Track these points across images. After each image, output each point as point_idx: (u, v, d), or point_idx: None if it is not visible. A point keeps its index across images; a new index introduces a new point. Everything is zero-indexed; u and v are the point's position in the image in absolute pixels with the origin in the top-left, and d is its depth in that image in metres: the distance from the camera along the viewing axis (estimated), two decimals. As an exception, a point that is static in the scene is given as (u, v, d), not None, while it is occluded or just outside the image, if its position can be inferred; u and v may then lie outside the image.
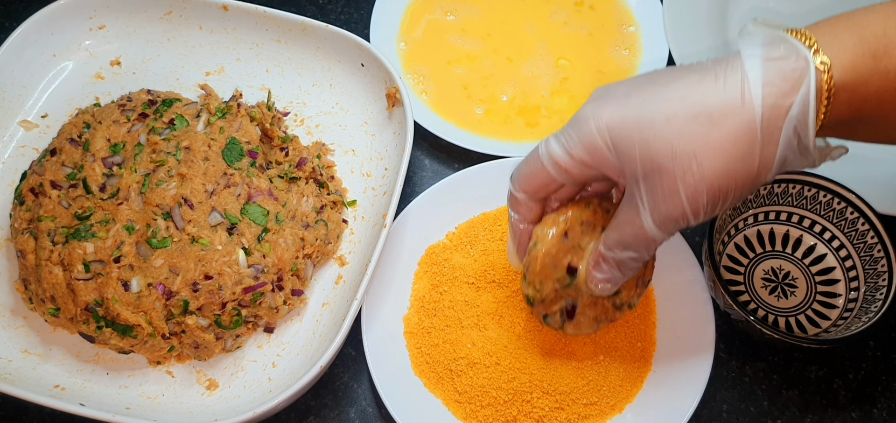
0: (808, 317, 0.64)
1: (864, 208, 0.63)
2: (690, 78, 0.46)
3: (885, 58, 0.44)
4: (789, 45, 0.44)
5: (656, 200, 0.46)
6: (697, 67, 0.46)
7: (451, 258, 0.65)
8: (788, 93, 0.43)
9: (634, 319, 0.62)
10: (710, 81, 0.45)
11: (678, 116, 0.44)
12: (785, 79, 0.43)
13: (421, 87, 0.77)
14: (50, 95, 0.74)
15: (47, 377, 0.60)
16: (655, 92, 0.46)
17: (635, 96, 0.47)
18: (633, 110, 0.46)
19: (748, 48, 0.45)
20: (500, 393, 0.59)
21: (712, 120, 0.44)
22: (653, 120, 0.45)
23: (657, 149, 0.45)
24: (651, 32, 0.80)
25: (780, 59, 0.44)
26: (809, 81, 0.43)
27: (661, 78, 0.47)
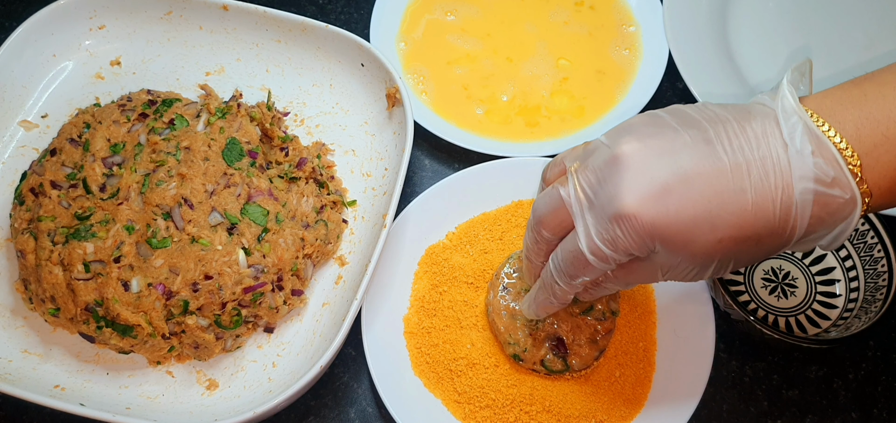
0: (808, 317, 0.64)
1: (864, 208, 0.63)
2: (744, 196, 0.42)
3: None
4: (841, 174, 0.42)
5: (678, 274, 0.47)
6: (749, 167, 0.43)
7: (451, 258, 0.65)
8: (828, 223, 0.43)
9: (635, 322, 0.62)
10: (767, 207, 0.43)
11: (731, 240, 0.43)
12: (830, 214, 0.43)
13: (421, 87, 0.77)
14: (50, 95, 0.74)
15: (47, 377, 0.60)
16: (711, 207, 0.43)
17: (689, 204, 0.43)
18: (688, 227, 0.43)
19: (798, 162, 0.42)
20: (498, 396, 0.59)
21: (759, 241, 0.44)
22: (707, 240, 0.43)
23: (704, 259, 0.45)
24: (651, 32, 0.80)
25: (830, 197, 0.42)
26: (852, 220, 0.43)
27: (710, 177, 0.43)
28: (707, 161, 0.43)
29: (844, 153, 0.43)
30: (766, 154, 0.43)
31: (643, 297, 0.63)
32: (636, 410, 0.59)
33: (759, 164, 0.43)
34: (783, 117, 0.43)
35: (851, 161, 0.43)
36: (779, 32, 0.79)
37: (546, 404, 0.59)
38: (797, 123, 0.43)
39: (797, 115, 0.43)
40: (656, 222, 0.43)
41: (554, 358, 0.59)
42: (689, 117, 0.45)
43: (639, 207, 0.43)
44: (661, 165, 0.43)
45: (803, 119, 0.43)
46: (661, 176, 0.43)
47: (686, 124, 0.45)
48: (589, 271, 0.47)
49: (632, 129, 0.46)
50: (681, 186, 0.43)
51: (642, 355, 0.61)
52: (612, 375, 0.60)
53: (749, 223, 0.43)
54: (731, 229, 0.43)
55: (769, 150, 0.43)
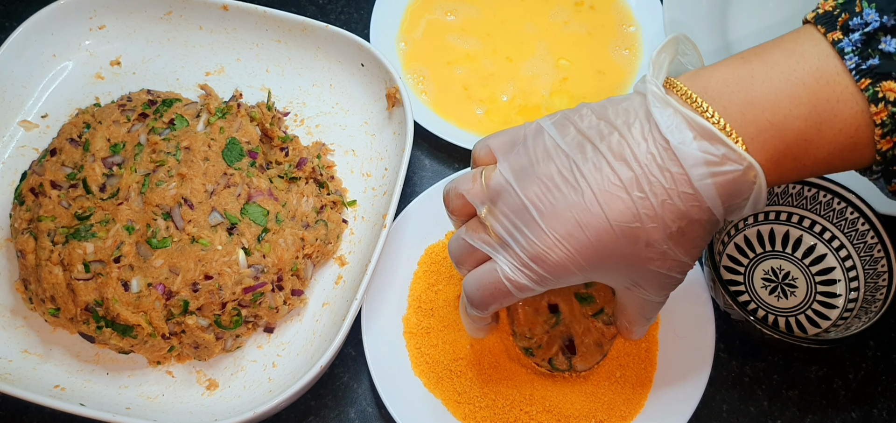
0: (808, 317, 0.64)
1: (864, 208, 0.63)
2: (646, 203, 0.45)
3: (803, 158, 0.45)
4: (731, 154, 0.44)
5: (657, 288, 0.50)
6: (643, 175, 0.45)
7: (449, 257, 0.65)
8: (737, 196, 0.45)
9: (650, 329, 0.62)
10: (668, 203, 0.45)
11: (654, 243, 0.45)
12: (736, 184, 0.44)
13: (421, 87, 0.77)
14: (50, 95, 0.74)
15: (47, 377, 0.60)
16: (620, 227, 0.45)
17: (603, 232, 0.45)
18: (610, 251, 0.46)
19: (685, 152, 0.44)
20: (498, 396, 0.59)
21: (683, 231, 0.45)
22: (632, 252, 0.46)
23: (642, 268, 0.47)
24: (651, 32, 0.80)
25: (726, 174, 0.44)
26: (760, 185, 0.44)
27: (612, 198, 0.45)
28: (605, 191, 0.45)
29: (726, 131, 0.44)
30: (652, 159, 0.44)
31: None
32: (636, 410, 0.59)
33: (649, 171, 0.44)
34: (656, 112, 0.45)
35: (732, 136, 0.44)
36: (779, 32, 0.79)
37: (546, 404, 0.59)
38: (669, 114, 0.44)
39: (667, 105, 0.44)
40: (578, 256, 0.46)
41: (562, 358, 0.59)
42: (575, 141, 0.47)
43: (554, 249, 0.46)
44: (567, 206, 0.46)
45: (674, 107, 0.44)
46: (571, 216, 0.46)
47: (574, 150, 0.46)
48: (505, 301, 0.50)
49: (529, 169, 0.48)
50: (590, 219, 0.45)
51: (644, 355, 0.61)
52: (613, 375, 0.60)
53: (661, 222, 0.45)
54: (649, 233, 0.45)
55: (654, 152, 0.44)
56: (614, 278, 0.49)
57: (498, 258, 0.49)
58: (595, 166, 0.46)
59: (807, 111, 0.44)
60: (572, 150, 0.47)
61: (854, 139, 0.44)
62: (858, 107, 0.43)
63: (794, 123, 0.44)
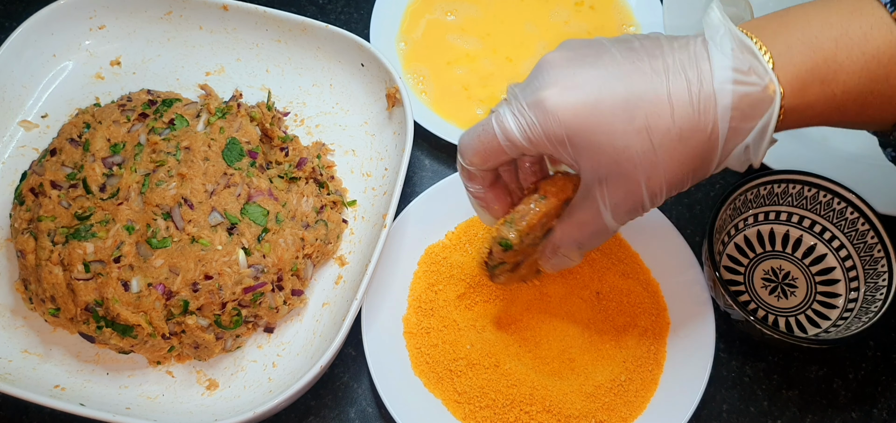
0: (808, 317, 0.64)
1: (864, 208, 0.63)
2: (661, 85, 0.45)
3: (832, 83, 0.46)
4: (757, 64, 0.45)
5: (618, 200, 0.48)
6: (666, 66, 0.46)
7: (450, 257, 0.65)
8: (750, 118, 0.45)
9: (650, 330, 0.62)
10: (682, 95, 0.45)
11: (651, 130, 0.45)
12: (751, 106, 0.45)
13: (421, 87, 0.77)
14: (50, 95, 0.74)
15: (47, 377, 0.60)
16: (628, 95, 0.46)
17: (607, 94, 0.46)
18: (605, 114, 0.46)
19: (719, 57, 0.45)
20: (498, 396, 0.59)
21: (682, 136, 0.45)
22: (627, 130, 0.46)
23: (627, 157, 0.46)
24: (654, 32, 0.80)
25: (748, 85, 0.45)
26: (772, 112, 0.45)
27: (629, 73, 0.46)
28: (628, 64, 0.46)
29: (761, 48, 0.45)
30: (686, 54, 0.46)
31: (657, 307, 0.63)
32: (637, 410, 0.59)
33: (678, 62, 0.46)
34: (707, 25, 0.46)
35: (765, 56, 0.45)
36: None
37: (546, 404, 0.59)
38: (719, 26, 0.46)
39: (723, 25, 0.46)
40: (575, 110, 0.46)
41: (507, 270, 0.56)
42: (622, 38, 0.48)
43: (556, 96, 0.46)
44: (583, 67, 0.47)
45: (726, 26, 0.46)
46: (583, 72, 0.46)
47: (616, 41, 0.48)
48: (491, 151, 0.49)
49: (565, 43, 0.49)
50: (597, 80, 0.46)
51: (653, 362, 0.61)
52: (617, 379, 0.60)
53: (666, 112, 0.45)
54: (649, 117, 0.45)
55: (691, 51, 0.46)
56: (590, 159, 0.47)
57: (500, 108, 0.49)
58: (627, 47, 0.47)
59: (838, 33, 0.45)
60: (619, 45, 0.47)
61: (886, 70, 0.45)
62: (892, 36, 0.44)
63: (825, 43, 0.45)
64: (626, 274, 0.64)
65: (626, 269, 0.65)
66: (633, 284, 0.64)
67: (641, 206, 0.48)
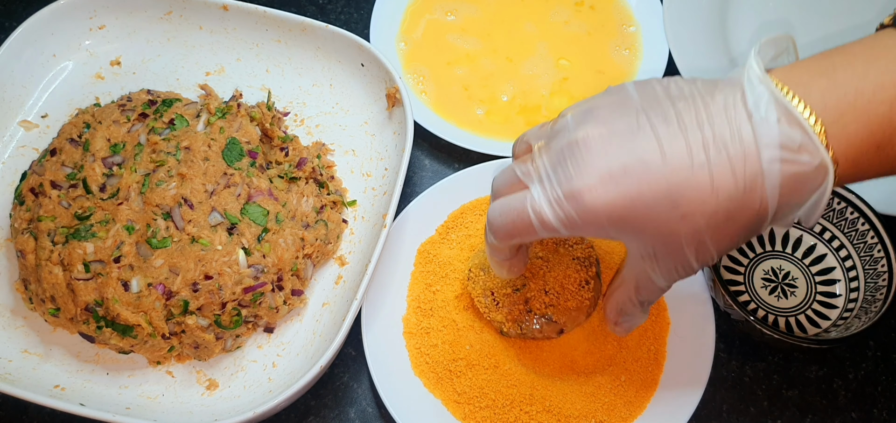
0: (808, 317, 0.64)
1: (864, 208, 0.63)
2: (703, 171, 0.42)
3: (888, 147, 0.43)
4: (808, 142, 0.42)
5: (668, 269, 0.47)
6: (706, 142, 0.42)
7: (440, 253, 0.65)
8: (801, 193, 0.43)
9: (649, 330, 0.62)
10: (727, 181, 0.42)
11: (696, 216, 0.43)
12: (800, 182, 0.42)
13: (421, 87, 0.77)
14: (50, 95, 0.74)
15: (47, 377, 0.60)
16: (670, 186, 0.43)
17: (647, 185, 0.43)
18: (647, 207, 0.43)
19: (764, 130, 0.41)
20: (498, 396, 0.59)
21: (729, 217, 0.43)
22: (670, 218, 0.43)
23: (673, 241, 0.44)
24: (651, 32, 0.80)
25: (798, 164, 0.42)
26: (826, 189, 0.42)
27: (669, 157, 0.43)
28: (667, 141, 0.43)
29: (810, 119, 0.42)
30: (726, 127, 0.42)
31: (657, 307, 0.63)
32: (637, 410, 0.59)
33: (719, 136, 0.42)
34: (749, 88, 0.43)
35: (816, 128, 0.42)
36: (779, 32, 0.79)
37: (546, 404, 0.59)
38: (763, 92, 0.42)
39: (763, 84, 0.42)
40: (614, 205, 0.43)
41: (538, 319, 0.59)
42: (654, 95, 0.45)
43: (594, 194, 0.43)
44: (621, 149, 0.43)
45: (769, 88, 0.42)
46: (620, 159, 0.43)
47: (650, 104, 0.44)
48: (527, 235, 0.47)
49: (596, 111, 0.46)
50: (639, 166, 0.43)
51: (653, 360, 0.61)
52: (617, 379, 0.60)
53: (711, 200, 0.42)
54: (693, 204, 0.43)
55: (731, 122, 0.42)
56: (637, 242, 0.46)
57: (533, 188, 0.46)
58: (663, 120, 0.43)
59: (892, 96, 0.42)
60: (647, 102, 0.44)
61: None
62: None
63: (879, 108, 0.42)
64: None
65: (627, 269, 0.65)
66: None
67: (691, 270, 0.47)
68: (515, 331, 0.60)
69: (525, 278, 0.60)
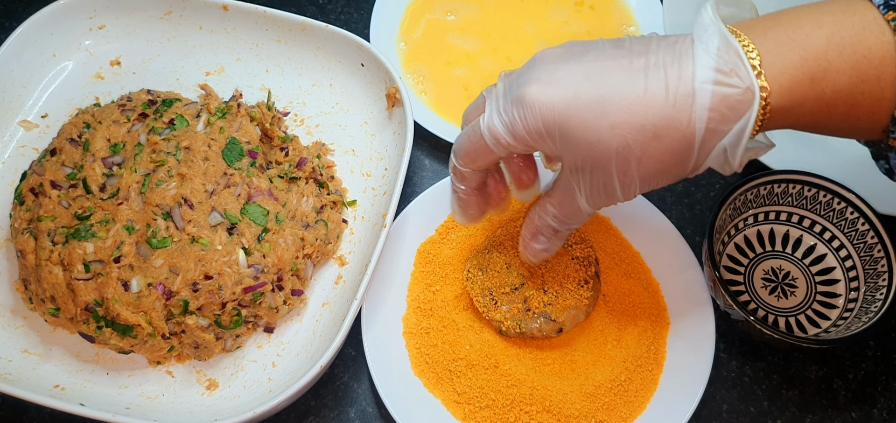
0: (808, 317, 0.64)
1: (864, 208, 0.63)
2: (638, 82, 0.46)
3: (822, 82, 0.45)
4: (740, 64, 0.44)
5: (593, 189, 0.49)
6: (648, 64, 0.46)
7: (440, 253, 0.65)
8: (729, 119, 0.45)
9: (650, 330, 0.62)
10: (659, 93, 0.45)
11: (624, 126, 0.46)
12: (730, 107, 0.45)
13: (421, 87, 0.77)
14: (50, 95, 0.74)
15: (47, 377, 0.60)
16: (604, 91, 0.46)
17: (583, 90, 0.46)
18: (580, 109, 0.46)
19: (703, 56, 0.45)
20: (498, 396, 0.59)
21: (656, 134, 0.46)
22: (599, 125, 0.46)
23: (600, 151, 0.47)
24: (651, 32, 0.80)
25: (728, 86, 0.44)
26: (750, 116, 0.45)
27: (610, 70, 0.46)
28: (610, 61, 0.47)
29: (747, 49, 0.45)
30: (671, 52, 0.46)
31: (657, 307, 0.63)
32: (637, 411, 0.59)
33: (661, 60, 0.46)
34: (698, 26, 0.46)
35: (751, 56, 0.45)
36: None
37: (546, 404, 0.59)
38: (710, 27, 0.46)
39: (712, 24, 0.46)
40: (553, 104, 0.47)
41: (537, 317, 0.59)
42: (621, 39, 0.48)
43: (536, 92, 0.47)
44: (567, 63, 0.48)
45: (717, 25, 0.45)
46: (562, 69, 0.47)
47: (612, 41, 0.48)
48: (479, 150, 0.51)
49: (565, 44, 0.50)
50: (577, 76, 0.47)
51: (653, 360, 0.61)
52: (617, 379, 0.60)
53: (640, 110, 0.45)
54: (622, 113, 0.45)
55: (676, 51, 0.46)
56: (568, 151, 0.48)
57: (488, 107, 0.50)
58: (616, 45, 0.47)
59: (829, 32, 0.45)
60: (610, 41, 0.48)
61: (878, 70, 0.44)
62: (884, 37, 0.44)
63: (816, 42, 0.45)
64: (628, 274, 0.64)
65: (629, 269, 0.65)
66: (635, 284, 0.64)
67: (614, 196, 0.49)
68: (515, 330, 0.60)
69: (524, 277, 0.60)
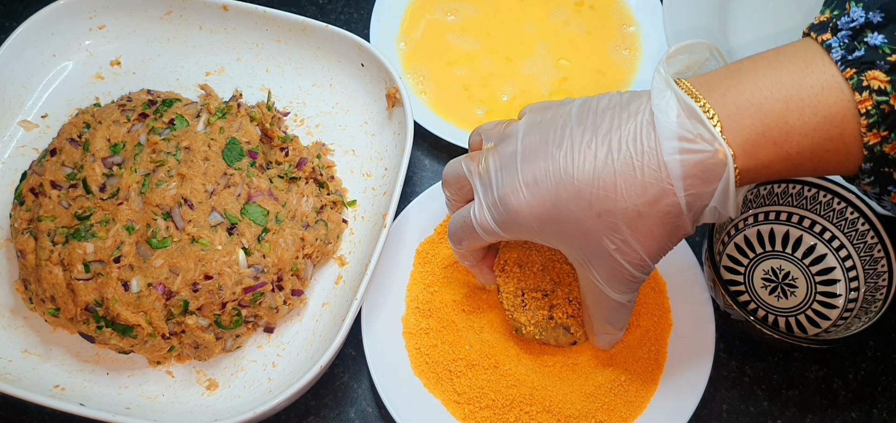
0: (808, 317, 0.64)
1: (864, 208, 0.63)
2: (608, 168, 0.46)
3: (785, 144, 0.45)
4: (704, 131, 0.45)
5: (606, 277, 0.50)
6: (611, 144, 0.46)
7: (439, 253, 0.65)
8: (707, 182, 0.45)
9: (652, 330, 0.62)
10: (630, 175, 0.46)
11: (609, 213, 0.47)
12: (704, 171, 0.45)
13: (421, 87, 0.77)
14: (50, 95, 0.74)
15: (47, 377, 0.60)
16: (580, 186, 0.47)
17: (563, 189, 0.47)
18: (565, 207, 0.48)
19: (664, 126, 0.45)
20: (498, 396, 0.59)
21: (640, 212, 0.46)
22: (586, 217, 0.47)
23: (595, 239, 0.48)
24: (651, 32, 0.80)
25: (695, 153, 0.45)
26: (728, 176, 0.45)
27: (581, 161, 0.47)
28: (580, 150, 0.47)
29: (707, 112, 0.45)
30: (633, 127, 0.46)
31: (661, 309, 0.63)
32: (637, 411, 0.59)
33: (626, 138, 0.46)
34: (655, 92, 0.46)
35: (713, 121, 0.45)
36: (779, 32, 0.79)
37: (546, 404, 0.59)
38: (666, 94, 0.46)
39: (668, 87, 0.46)
40: (538, 210, 0.48)
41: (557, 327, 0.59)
42: (588, 108, 0.49)
43: (520, 200, 0.49)
44: (546, 157, 0.48)
45: (672, 89, 0.46)
46: (542, 166, 0.48)
47: (580, 118, 0.49)
48: (474, 239, 0.54)
49: (542, 123, 0.50)
50: (556, 172, 0.48)
51: (653, 360, 0.61)
52: (617, 379, 0.60)
53: (619, 195, 0.46)
54: (604, 202, 0.46)
55: (638, 123, 0.46)
56: (568, 246, 0.50)
57: (476, 193, 0.52)
58: (583, 130, 0.48)
59: (789, 94, 0.44)
60: (578, 117, 0.49)
61: (840, 129, 0.44)
62: (844, 96, 0.43)
63: (775, 105, 0.44)
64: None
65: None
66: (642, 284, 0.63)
67: (632, 277, 0.50)
68: (533, 335, 0.59)
69: (554, 283, 0.59)
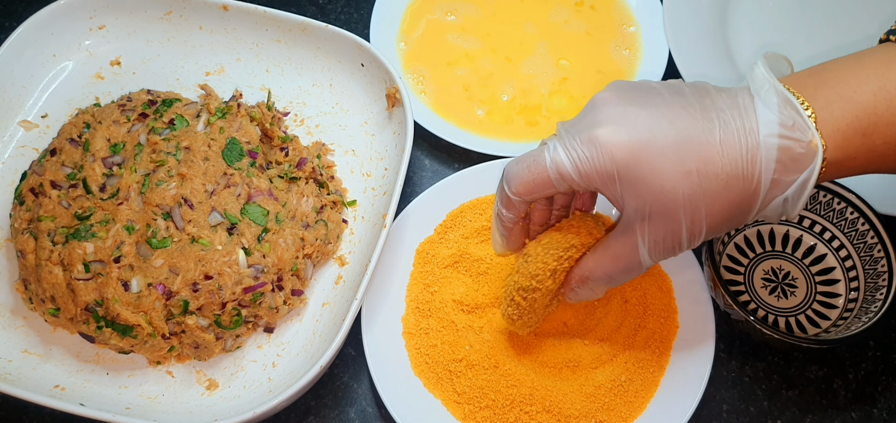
0: (808, 317, 0.64)
1: (864, 208, 0.63)
2: (714, 130, 0.47)
3: (873, 135, 0.47)
4: (801, 121, 0.46)
5: (658, 238, 0.49)
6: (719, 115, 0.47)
7: (438, 253, 0.65)
8: (792, 171, 0.47)
9: (658, 332, 0.62)
10: (733, 143, 0.46)
11: (699, 174, 0.46)
12: (792, 160, 0.46)
13: (421, 87, 0.77)
14: (50, 95, 0.74)
15: (47, 377, 0.60)
16: (680, 137, 0.47)
17: (660, 134, 0.47)
18: (655, 153, 0.46)
19: (765, 111, 0.46)
20: (498, 397, 0.59)
21: (727, 183, 0.47)
22: (674, 171, 0.46)
23: (671, 197, 0.47)
24: (651, 32, 0.80)
25: (792, 140, 0.46)
26: (813, 168, 0.46)
27: (681, 117, 0.47)
28: (679, 108, 0.47)
29: (803, 105, 0.47)
30: (734, 106, 0.47)
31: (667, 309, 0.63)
32: (637, 411, 0.59)
33: (729, 113, 0.47)
34: (753, 83, 0.48)
35: (808, 112, 0.47)
36: (779, 32, 0.79)
37: (546, 404, 0.59)
38: (765, 84, 0.47)
39: (767, 80, 0.48)
40: (627, 146, 0.47)
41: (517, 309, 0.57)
42: (670, 82, 0.50)
43: (610, 133, 0.47)
44: (636, 106, 0.48)
45: (771, 81, 0.47)
46: (634, 112, 0.47)
47: (666, 85, 0.49)
48: (537, 185, 0.50)
49: (617, 84, 0.50)
50: (650, 119, 0.47)
51: (653, 360, 0.61)
52: (617, 379, 0.60)
53: (716, 159, 0.46)
54: (698, 161, 0.46)
55: (739, 105, 0.47)
56: (636, 196, 0.48)
57: (550, 141, 0.50)
58: (676, 91, 0.48)
59: (876, 86, 0.46)
60: (668, 90, 0.49)
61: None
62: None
63: (863, 96, 0.46)
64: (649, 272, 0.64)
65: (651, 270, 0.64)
66: (650, 283, 0.63)
67: (679, 245, 0.49)
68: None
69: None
